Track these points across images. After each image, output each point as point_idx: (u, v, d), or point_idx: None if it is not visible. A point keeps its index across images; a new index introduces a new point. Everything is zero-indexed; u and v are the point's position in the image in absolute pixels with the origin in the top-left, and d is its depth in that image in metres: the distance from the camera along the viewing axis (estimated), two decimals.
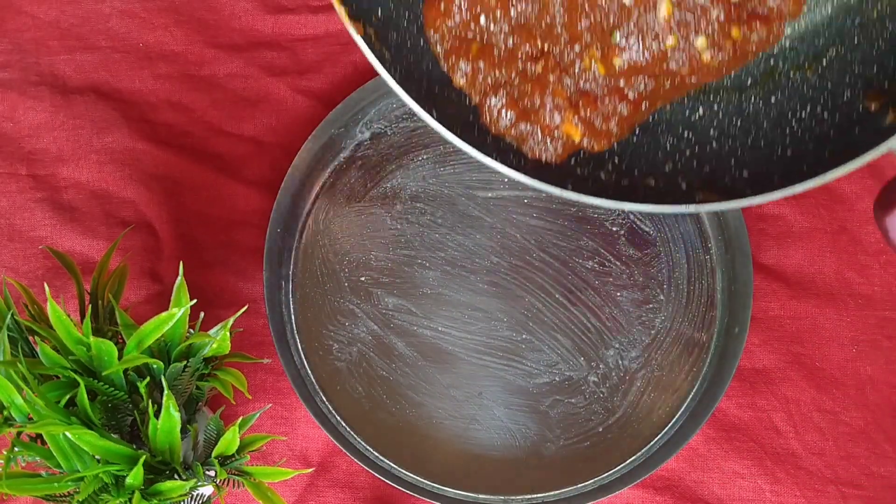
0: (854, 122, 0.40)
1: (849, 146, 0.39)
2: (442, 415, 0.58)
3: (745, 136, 0.45)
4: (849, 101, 0.41)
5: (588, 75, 0.43)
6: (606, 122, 0.44)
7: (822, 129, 0.42)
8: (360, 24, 0.41)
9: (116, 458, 0.41)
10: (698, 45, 0.41)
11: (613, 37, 0.42)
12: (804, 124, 0.43)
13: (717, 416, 0.58)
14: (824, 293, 0.60)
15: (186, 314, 0.44)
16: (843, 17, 0.42)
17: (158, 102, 0.63)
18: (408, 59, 0.44)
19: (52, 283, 0.58)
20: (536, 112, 0.44)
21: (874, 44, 0.41)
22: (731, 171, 0.44)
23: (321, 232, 0.61)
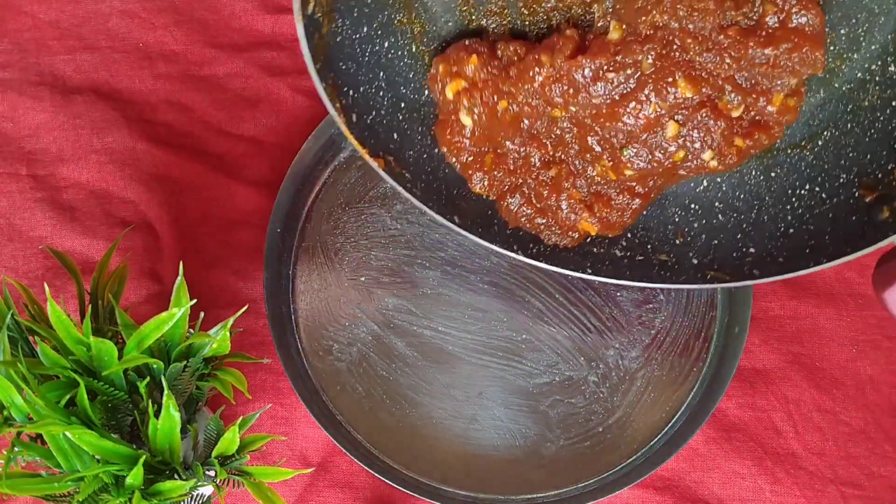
0: (852, 209, 0.42)
1: (848, 232, 0.41)
2: (442, 415, 0.58)
3: (749, 210, 0.46)
4: (845, 184, 0.43)
5: (600, 180, 0.45)
6: (620, 215, 0.46)
7: (821, 210, 0.44)
8: (381, 159, 0.42)
9: (116, 458, 0.41)
10: (705, 157, 0.43)
11: (623, 153, 0.43)
12: (804, 203, 0.45)
13: (717, 416, 0.58)
14: (824, 293, 0.60)
15: (186, 314, 0.44)
16: (836, 104, 0.44)
17: (158, 102, 0.63)
18: (426, 170, 0.46)
19: (52, 283, 0.58)
20: (553, 211, 0.46)
21: (867, 132, 0.43)
22: (737, 246, 0.46)
23: (321, 232, 0.61)
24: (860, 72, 0.42)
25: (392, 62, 0.44)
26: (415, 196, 0.44)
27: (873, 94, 0.42)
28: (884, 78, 0.42)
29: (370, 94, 0.43)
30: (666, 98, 0.41)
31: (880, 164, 0.42)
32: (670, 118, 0.42)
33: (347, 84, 0.42)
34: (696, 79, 0.41)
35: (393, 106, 0.44)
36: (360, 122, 0.42)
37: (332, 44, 0.40)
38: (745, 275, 0.44)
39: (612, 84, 0.42)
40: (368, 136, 0.43)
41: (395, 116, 0.45)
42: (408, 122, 0.45)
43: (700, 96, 0.41)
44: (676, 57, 0.41)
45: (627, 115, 0.42)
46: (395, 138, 0.45)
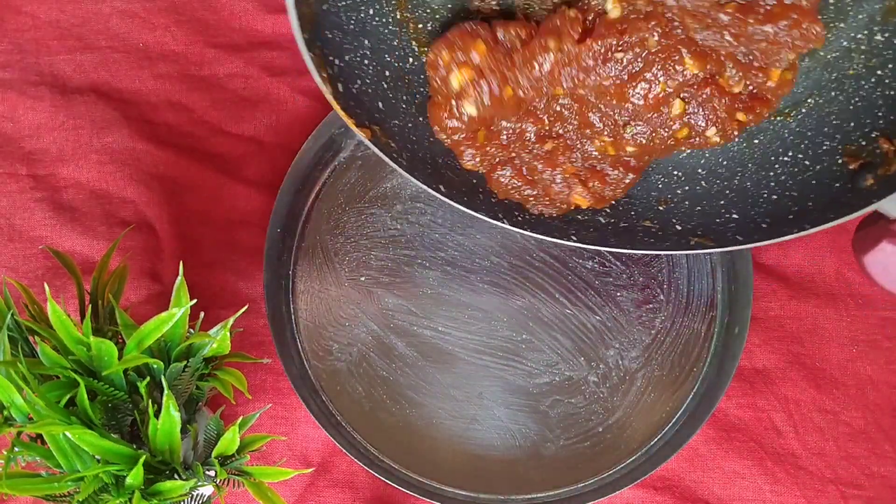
0: (835, 176, 0.42)
1: (831, 198, 0.42)
2: (442, 415, 0.58)
3: (732, 176, 0.47)
4: (828, 151, 0.43)
5: (598, 155, 0.45)
6: (613, 189, 0.47)
7: (804, 177, 0.44)
8: (367, 129, 0.43)
9: (116, 458, 0.41)
10: (710, 133, 0.43)
11: (626, 130, 0.44)
12: (787, 169, 0.45)
13: (717, 416, 0.58)
14: (824, 293, 0.60)
15: (186, 314, 0.44)
16: (821, 72, 0.44)
17: (158, 102, 0.63)
18: (411, 139, 0.46)
19: (52, 283, 0.58)
20: (545, 183, 0.46)
21: (851, 100, 0.43)
22: (720, 212, 0.46)
23: (321, 232, 0.61)
24: (846, 41, 0.42)
25: (377, 29, 0.44)
26: (401, 166, 0.44)
27: (858, 63, 0.42)
28: (870, 47, 0.42)
29: (355, 62, 0.43)
30: (674, 77, 0.41)
31: (864, 131, 0.42)
32: (677, 96, 0.42)
33: (333, 53, 0.41)
34: (702, 55, 0.41)
35: (378, 74, 0.44)
36: (345, 92, 0.42)
37: (318, 12, 0.40)
38: (728, 240, 0.44)
39: (621, 65, 0.41)
40: (354, 106, 0.43)
41: (379, 85, 0.45)
42: (392, 90, 0.45)
43: (705, 73, 0.41)
44: (679, 35, 0.41)
45: (636, 95, 0.42)
46: (380, 107, 0.44)
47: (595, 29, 0.42)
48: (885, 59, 0.41)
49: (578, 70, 0.42)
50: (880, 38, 0.41)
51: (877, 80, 0.42)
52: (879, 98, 0.42)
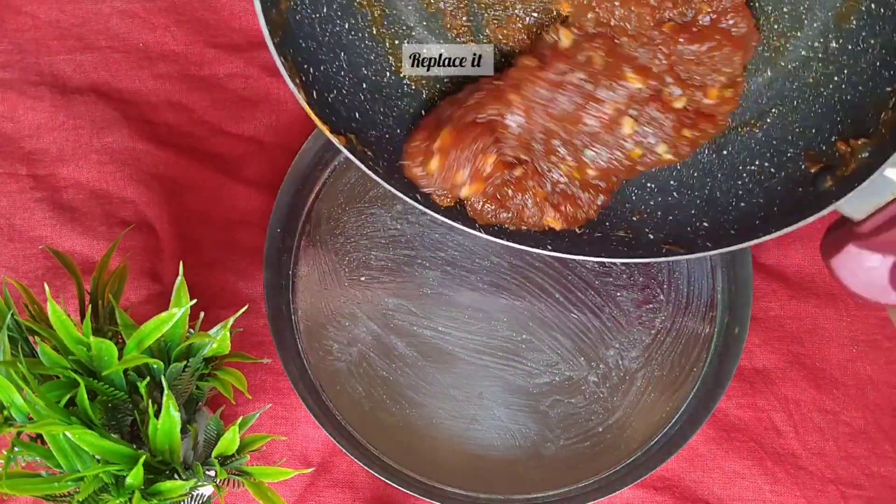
0: (798, 182, 0.44)
1: (795, 203, 0.43)
2: (442, 415, 0.58)
3: (702, 187, 0.48)
4: (792, 158, 0.45)
5: (566, 180, 0.46)
6: (586, 212, 0.48)
7: (770, 184, 0.45)
8: (343, 136, 0.43)
9: (116, 458, 0.41)
10: (660, 150, 0.44)
11: (585, 154, 0.45)
12: (754, 177, 0.46)
13: (717, 416, 0.58)
14: (824, 293, 0.60)
15: (186, 314, 0.44)
16: (783, 81, 0.45)
17: (158, 102, 0.63)
18: (388, 150, 0.46)
19: (52, 283, 0.58)
20: (517, 207, 0.47)
21: (812, 107, 0.44)
22: (691, 221, 0.47)
23: (321, 232, 0.61)
24: (804, 49, 0.44)
25: (353, 43, 0.44)
26: (377, 174, 0.44)
27: (817, 71, 0.44)
28: (826, 55, 0.43)
29: (331, 73, 0.43)
30: (620, 93, 0.43)
31: (824, 136, 0.43)
32: (626, 114, 0.43)
33: (307, 62, 0.41)
34: (643, 69, 0.43)
35: (354, 86, 0.45)
36: (320, 100, 0.42)
37: (292, 21, 0.40)
38: (698, 247, 0.46)
39: (573, 85, 0.43)
40: (330, 114, 0.43)
41: (356, 97, 0.45)
42: (370, 102, 0.45)
43: (648, 87, 0.43)
44: (623, 53, 0.43)
45: (589, 116, 0.43)
46: (356, 118, 0.45)
47: (548, 61, 0.44)
48: (841, 65, 0.43)
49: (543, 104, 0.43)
50: (835, 46, 0.43)
51: (834, 86, 0.43)
52: (837, 103, 0.43)
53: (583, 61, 0.43)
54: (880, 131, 0.40)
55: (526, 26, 0.47)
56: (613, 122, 0.44)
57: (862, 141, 0.41)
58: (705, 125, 0.45)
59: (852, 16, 0.42)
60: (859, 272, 0.43)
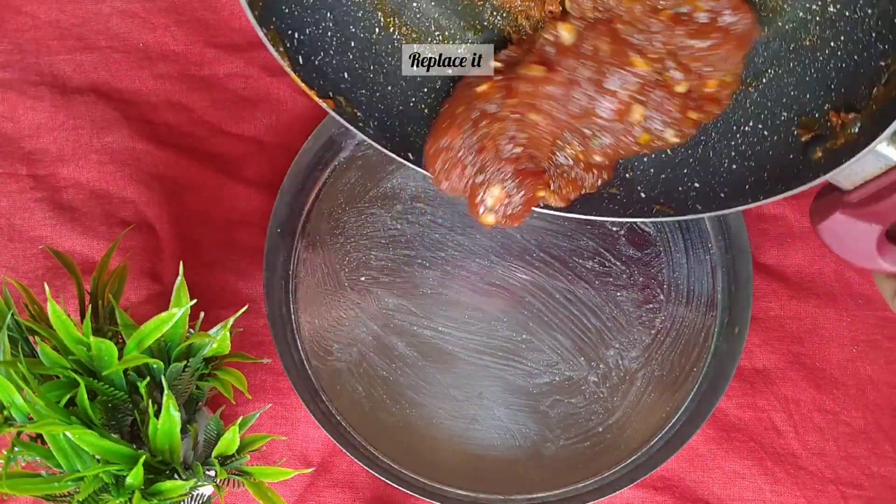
0: (790, 147, 0.44)
1: (785, 170, 0.43)
2: (442, 415, 0.58)
3: (696, 145, 0.48)
4: (785, 122, 0.44)
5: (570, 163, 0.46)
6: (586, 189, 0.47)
7: (762, 147, 0.45)
8: (331, 99, 0.42)
9: (116, 458, 0.41)
10: (668, 134, 0.44)
11: (593, 142, 0.45)
12: (747, 139, 0.46)
13: (717, 416, 0.58)
14: (825, 293, 0.60)
15: (186, 314, 0.44)
16: (780, 42, 0.45)
17: (158, 102, 0.63)
18: (379, 108, 0.46)
19: (52, 283, 0.58)
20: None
21: (807, 71, 0.44)
22: (683, 180, 0.47)
23: (321, 232, 0.61)
24: (801, 11, 0.43)
25: (339, 2, 0.43)
26: (368, 135, 0.44)
27: (813, 34, 0.44)
28: (823, 18, 0.43)
29: (317, 35, 0.42)
30: (630, 80, 0.43)
31: (817, 103, 0.43)
32: (636, 101, 0.43)
33: (292, 27, 0.41)
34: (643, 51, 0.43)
35: (342, 46, 0.44)
36: (307, 64, 0.42)
37: None
38: (688, 209, 0.46)
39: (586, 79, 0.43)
40: (317, 77, 0.42)
41: (345, 56, 0.44)
42: (359, 60, 0.45)
43: (654, 70, 0.43)
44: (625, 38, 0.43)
45: (601, 108, 0.43)
46: (346, 77, 0.44)
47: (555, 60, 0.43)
48: (838, 30, 0.42)
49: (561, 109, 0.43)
50: (833, 10, 0.43)
51: (830, 51, 0.43)
52: (832, 70, 0.43)
53: (590, 52, 0.42)
54: (871, 106, 0.40)
55: None
56: (626, 111, 0.43)
57: (852, 115, 0.41)
58: (710, 107, 0.44)
59: None
60: (846, 239, 0.44)
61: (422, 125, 0.47)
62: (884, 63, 0.40)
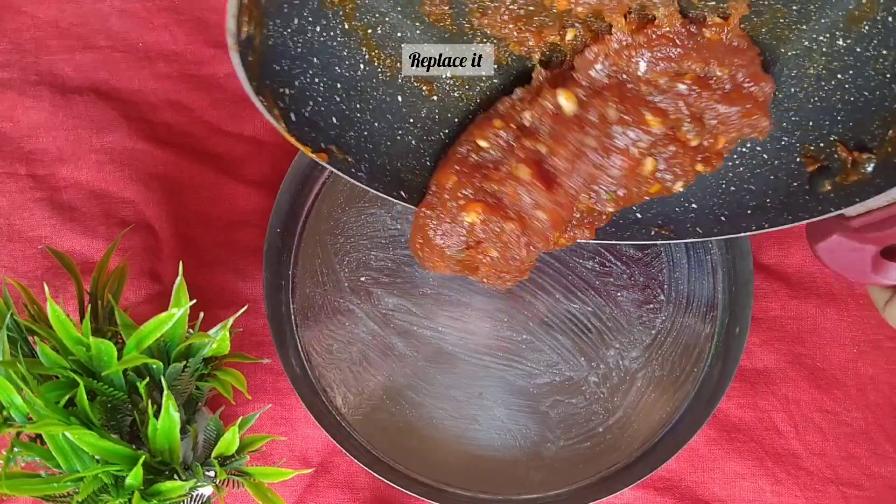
0: (792, 175, 0.43)
1: (788, 197, 0.43)
2: (442, 415, 0.58)
3: None
4: (786, 147, 0.44)
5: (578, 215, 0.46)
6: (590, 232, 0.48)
7: (762, 171, 0.45)
8: (324, 152, 0.43)
9: (116, 458, 0.41)
10: (677, 186, 0.44)
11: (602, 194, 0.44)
12: (745, 161, 0.46)
13: (718, 417, 0.58)
14: (825, 293, 0.60)
15: (186, 314, 0.44)
16: (780, 66, 0.44)
17: (158, 102, 0.63)
18: (368, 148, 0.47)
19: (52, 283, 0.58)
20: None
21: (810, 99, 0.43)
22: (680, 202, 0.47)
23: (321, 232, 0.61)
24: (808, 41, 0.43)
25: (325, 44, 0.43)
26: (360, 181, 0.45)
27: (818, 64, 0.43)
28: (831, 50, 0.42)
29: (306, 84, 0.43)
30: (642, 138, 0.42)
31: (822, 133, 0.43)
32: (649, 155, 0.43)
33: (283, 84, 0.41)
34: (660, 111, 0.42)
35: (329, 89, 0.44)
36: (299, 119, 0.42)
37: (265, 51, 0.39)
38: (687, 231, 0.46)
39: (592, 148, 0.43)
40: (309, 131, 0.43)
41: (332, 100, 0.44)
42: (346, 101, 0.45)
43: (666, 128, 0.43)
44: (638, 96, 0.42)
45: (614, 166, 0.43)
46: (334, 123, 0.44)
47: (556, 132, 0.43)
48: (846, 64, 0.42)
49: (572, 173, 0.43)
50: (842, 44, 0.42)
51: (836, 83, 0.42)
52: (839, 102, 0.42)
53: (596, 120, 0.42)
54: (886, 149, 0.40)
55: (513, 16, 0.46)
56: (637, 166, 0.43)
57: (866, 155, 0.41)
58: (716, 161, 0.45)
59: (865, 21, 0.41)
60: (843, 258, 0.45)
61: (409, 159, 0.48)
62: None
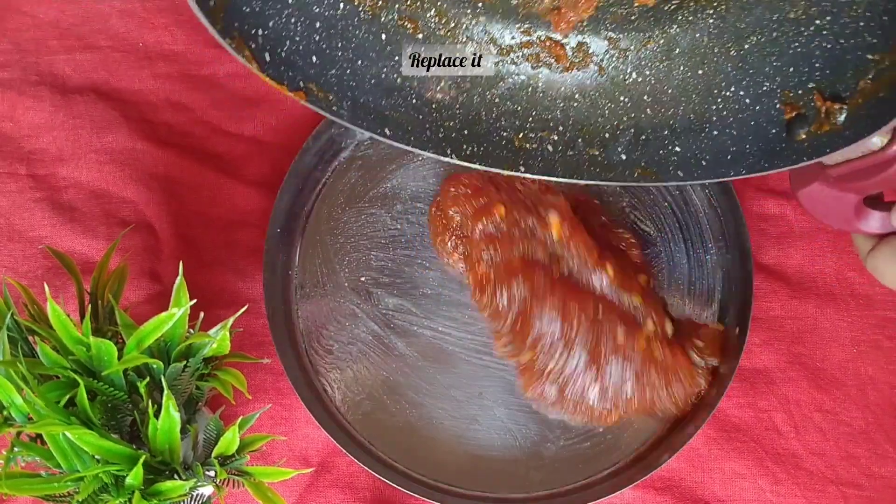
0: (772, 121, 0.44)
1: (766, 143, 0.43)
2: (442, 415, 0.58)
3: (676, 105, 0.48)
4: (767, 93, 0.44)
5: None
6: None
7: (743, 115, 0.45)
8: (302, 90, 0.42)
9: (116, 458, 0.41)
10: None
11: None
12: (728, 105, 0.46)
13: (718, 417, 0.58)
14: (825, 293, 0.60)
15: (186, 314, 0.44)
16: (762, 11, 0.44)
17: (158, 102, 0.63)
18: (350, 86, 0.46)
19: (52, 283, 0.58)
20: None
21: (790, 44, 0.44)
22: (664, 143, 0.47)
23: (321, 232, 0.61)
24: None
25: None
26: (342, 118, 0.44)
27: (798, 8, 0.43)
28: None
29: (280, 25, 0.42)
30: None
31: (801, 80, 0.43)
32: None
33: (255, 25, 0.40)
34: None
35: (308, 29, 0.43)
36: (274, 59, 0.41)
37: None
38: (670, 175, 0.46)
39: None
40: (285, 70, 0.42)
41: (310, 39, 0.44)
42: (326, 40, 0.44)
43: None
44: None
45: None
46: (314, 61, 0.44)
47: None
48: (823, 9, 0.42)
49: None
50: None
51: (815, 28, 0.43)
52: (816, 49, 0.43)
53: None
54: (857, 99, 0.40)
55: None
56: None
57: (838, 105, 0.41)
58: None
59: None
60: (825, 205, 0.46)
61: (395, 96, 0.47)
62: (871, 57, 0.40)
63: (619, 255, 0.55)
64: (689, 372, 0.53)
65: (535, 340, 0.51)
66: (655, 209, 0.61)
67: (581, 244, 0.52)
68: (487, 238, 0.53)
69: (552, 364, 0.51)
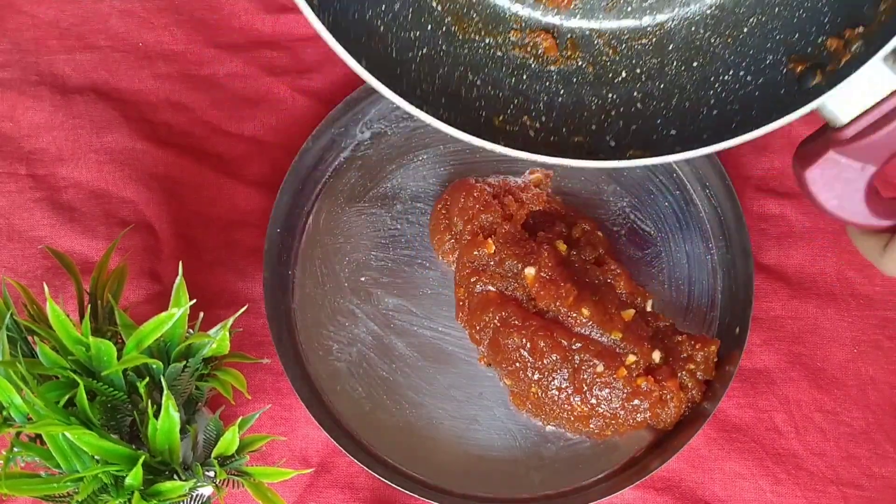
0: (779, 84, 0.41)
1: (775, 105, 0.40)
2: (442, 415, 0.58)
3: (668, 98, 0.45)
4: (772, 64, 0.42)
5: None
6: None
7: (746, 91, 0.43)
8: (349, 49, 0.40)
9: (116, 458, 0.41)
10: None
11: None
12: (728, 87, 0.43)
13: (718, 417, 0.58)
14: (825, 293, 0.60)
15: (186, 314, 0.44)
16: None
17: (158, 102, 0.63)
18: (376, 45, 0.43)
19: (52, 283, 0.58)
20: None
21: (794, 14, 0.42)
22: (657, 129, 0.44)
23: (321, 232, 0.60)
24: None
25: None
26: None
27: None
28: None
29: None
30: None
31: (809, 39, 0.41)
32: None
33: None
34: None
35: None
36: None
37: None
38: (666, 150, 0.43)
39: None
40: None
41: None
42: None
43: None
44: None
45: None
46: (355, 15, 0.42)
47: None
48: None
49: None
50: None
51: None
52: (825, 6, 0.41)
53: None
54: (879, 20, 0.38)
55: None
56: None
57: (858, 30, 0.39)
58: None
59: None
60: (836, 185, 0.41)
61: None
62: None
63: (605, 292, 0.55)
64: (678, 396, 0.54)
65: (512, 370, 0.54)
66: (655, 209, 0.61)
67: (554, 295, 0.53)
68: (472, 270, 0.56)
69: (534, 388, 0.54)
